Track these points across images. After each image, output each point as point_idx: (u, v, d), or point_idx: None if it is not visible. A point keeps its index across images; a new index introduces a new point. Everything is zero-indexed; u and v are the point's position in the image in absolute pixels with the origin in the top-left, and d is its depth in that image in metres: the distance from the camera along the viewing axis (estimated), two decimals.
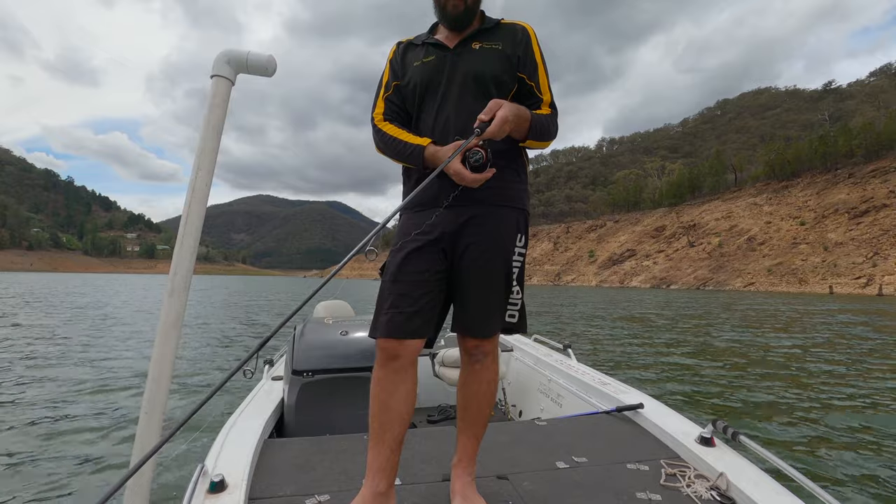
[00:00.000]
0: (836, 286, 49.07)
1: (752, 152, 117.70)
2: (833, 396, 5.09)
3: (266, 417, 1.79)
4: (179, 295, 0.87)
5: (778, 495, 1.25)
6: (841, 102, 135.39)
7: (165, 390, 0.87)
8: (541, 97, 1.34)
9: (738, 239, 75.27)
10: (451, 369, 2.70)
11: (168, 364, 0.86)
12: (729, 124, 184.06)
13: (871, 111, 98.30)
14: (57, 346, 7.65)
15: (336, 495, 1.33)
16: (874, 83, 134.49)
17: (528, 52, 1.34)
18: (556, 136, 1.35)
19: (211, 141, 0.90)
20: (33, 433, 3.56)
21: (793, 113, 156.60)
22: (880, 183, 65.12)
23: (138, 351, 7.31)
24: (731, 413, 4.45)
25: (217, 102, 0.90)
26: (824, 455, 3.35)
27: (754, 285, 58.54)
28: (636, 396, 1.96)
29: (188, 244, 0.89)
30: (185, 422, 0.73)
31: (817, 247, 60.97)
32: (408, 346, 1.25)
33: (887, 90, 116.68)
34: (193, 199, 0.89)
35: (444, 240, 1.28)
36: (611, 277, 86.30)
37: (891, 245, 52.37)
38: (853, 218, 62.31)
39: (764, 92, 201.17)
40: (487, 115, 1.16)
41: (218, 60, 0.91)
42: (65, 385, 5.04)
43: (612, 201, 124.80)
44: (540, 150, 1.49)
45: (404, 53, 1.41)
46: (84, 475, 2.84)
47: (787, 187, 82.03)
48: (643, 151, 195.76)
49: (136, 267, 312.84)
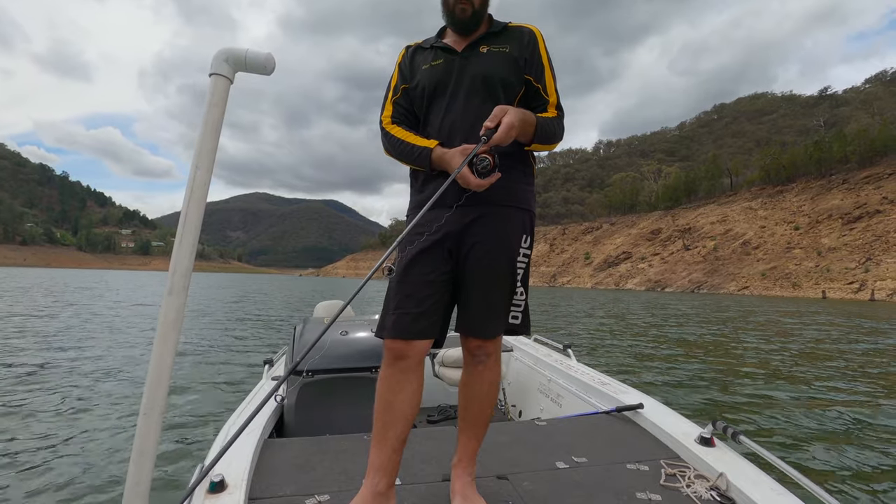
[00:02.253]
0: (828, 291, 49.37)
1: (748, 157, 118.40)
2: (833, 396, 5.11)
3: (266, 417, 1.79)
4: (179, 294, 0.87)
5: (778, 495, 1.25)
6: (836, 108, 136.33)
7: (165, 390, 0.87)
8: (547, 98, 1.34)
9: (732, 243, 75.63)
10: (451, 369, 2.70)
11: (167, 364, 0.87)
12: (725, 128, 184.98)
13: (866, 118, 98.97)
14: (54, 344, 7.59)
15: (336, 495, 1.33)
16: (869, 90, 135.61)
17: (535, 54, 1.34)
18: (561, 137, 1.35)
19: (210, 139, 0.90)
20: (33, 433, 3.53)
21: (789, 118, 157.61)
22: (874, 189, 65.62)
23: (138, 349, 7.27)
24: (731, 413, 4.46)
25: (215, 101, 0.91)
26: (824, 455, 3.36)
27: (748, 289, 58.83)
28: (636, 396, 1.97)
29: (187, 243, 0.89)
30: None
31: (811, 252, 61.37)
32: (415, 346, 1.26)
33: (882, 97, 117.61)
34: (192, 197, 0.89)
35: (449, 240, 1.28)
36: (606, 280, 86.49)
37: (883, 251, 52.77)
38: (847, 223, 62.74)
39: (761, 97, 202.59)
40: (493, 122, 1.16)
41: (216, 58, 0.91)
42: (64, 384, 5.00)
43: (608, 204, 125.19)
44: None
45: (413, 57, 1.42)
46: (84, 475, 2.82)
47: (782, 192, 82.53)
48: (640, 154, 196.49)
49: (130, 263, 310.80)
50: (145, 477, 0.87)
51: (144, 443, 0.86)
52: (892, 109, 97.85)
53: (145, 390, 0.87)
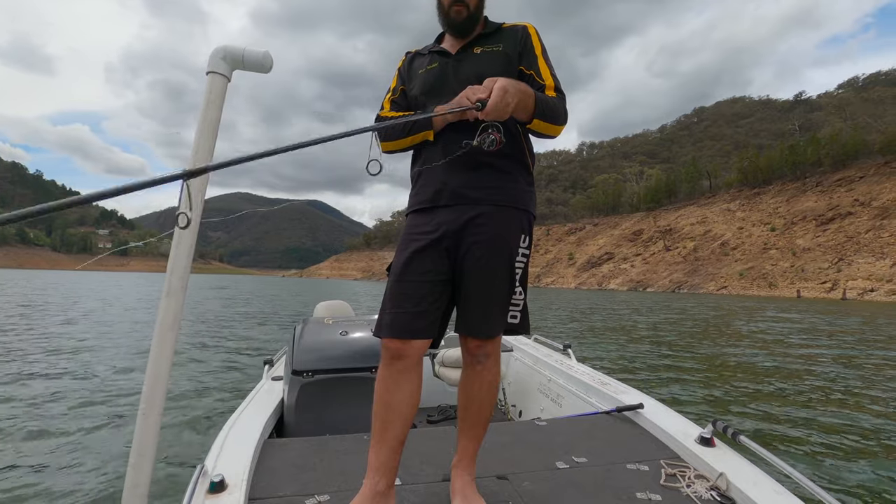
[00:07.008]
0: (803, 290, 50.66)
1: (726, 159, 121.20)
2: (833, 397, 5.14)
3: (266, 417, 1.78)
4: (176, 296, 0.87)
5: (778, 495, 1.25)
6: (810, 113, 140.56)
7: (163, 391, 0.87)
8: (543, 83, 1.32)
9: (711, 244, 77.16)
10: (451, 369, 2.71)
11: (166, 365, 0.86)
12: (705, 131, 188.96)
13: (839, 122, 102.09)
14: (51, 343, 7.42)
15: (336, 495, 1.32)
16: (841, 95, 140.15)
17: (528, 44, 1.36)
18: (566, 120, 1.32)
19: (207, 138, 0.90)
20: (31, 432, 3.45)
21: (765, 122, 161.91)
22: (845, 192, 67.67)
23: (136, 349, 7.14)
24: (731, 413, 4.48)
25: (213, 99, 0.90)
26: (824, 455, 3.38)
27: (727, 289, 60.06)
28: (636, 396, 1.98)
29: (185, 244, 0.88)
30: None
31: (786, 252, 62.95)
32: (413, 346, 1.25)
33: (853, 102, 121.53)
34: (191, 197, 0.87)
35: (447, 238, 1.28)
36: (589, 280, 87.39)
37: (854, 251, 54.40)
38: (820, 225, 64.55)
39: (738, 101, 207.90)
40: (485, 93, 1.12)
41: (213, 56, 0.90)
42: (62, 384, 4.90)
43: (591, 205, 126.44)
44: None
45: (411, 62, 1.45)
46: (83, 476, 2.77)
47: (758, 194, 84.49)
48: (622, 156, 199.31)
49: (107, 264, 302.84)
50: (145, 478, 0.87)
51: (143, 443, 0.86)
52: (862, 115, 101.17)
53: (144, 391, 0.86)
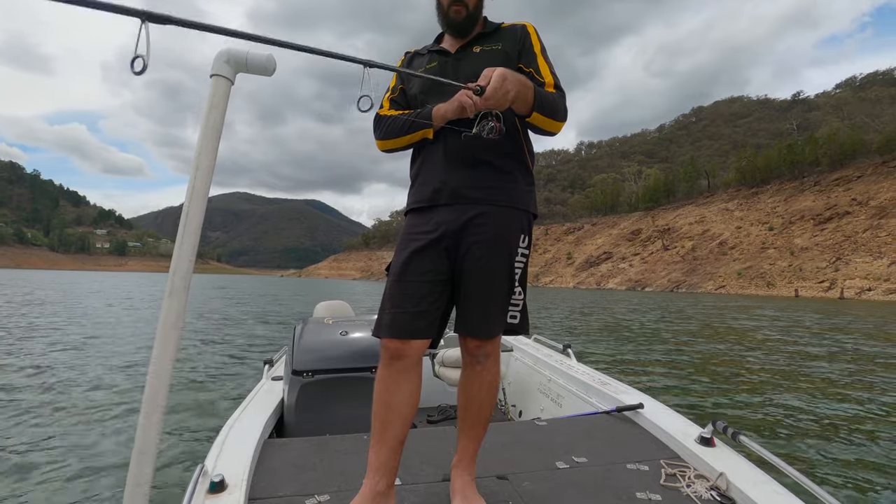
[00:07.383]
0: (801, 290, 50.75)
1: (724, 159, 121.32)
2: (833, 396, 5.14)
3: (266, 417, 1.78)
4: (179, 295, 0.88)
5: (778, 495, 1.25)
6: (808, 113, 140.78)
7: (165, 391, 0.88)
8: (542, 80, 1.32)
9: (710, 243, 77.28)
10: (451, 369, 2.71)
11: (168, 365, 0.88)
12: (703, 131, 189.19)
13: (836, 122, 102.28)
14: (51, 343, 7.41)
15: (336, 495, 1.32)
16: (839, 94, 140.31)
17: (527, 43, 1.36)
18: (565, 116, 1.31)
19: (210, 141, 0.91)
20: (30, 432, 3.45)
21: (763, 122, 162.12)
22: (843, 191, 67.81)
23: (136, 349, 7.12)
24: (731, 413, 4.47)
25: (216, 102, 0.92)
26: (824, 455, 3.37)
27: (725, 288, 60.16)
28: (636, 396, 1.98)
29: (188, 244, 0.89)
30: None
31: (784, 251, 63.08)
32: (412, 346, 1.25)
33: (851, 102, 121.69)
34: (193, 198, 0.90)
35: (446, 238, 1.28)
36: (588, 279, 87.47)
37: (852, 251, 54.54)
38: (818, 224, 64.68)
39: (737, 100, 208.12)
40: (484, 81, 1.11)
41: (217, 59, 0.92)
42: (61, 384, 4.89)
43: (590, 204, 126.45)
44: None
45: (411, 62, 1.46)
46: (82, 476, 2.77)
47: (756, 194, 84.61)
48: (621, 156, 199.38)
49: (105, 264, 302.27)
50: (146, 478, 0.88)
51: (145, 443, 0.87)
52: (860, 114, 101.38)
53: (146, 391, 0.88)
